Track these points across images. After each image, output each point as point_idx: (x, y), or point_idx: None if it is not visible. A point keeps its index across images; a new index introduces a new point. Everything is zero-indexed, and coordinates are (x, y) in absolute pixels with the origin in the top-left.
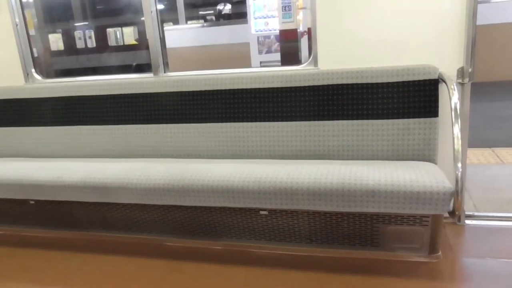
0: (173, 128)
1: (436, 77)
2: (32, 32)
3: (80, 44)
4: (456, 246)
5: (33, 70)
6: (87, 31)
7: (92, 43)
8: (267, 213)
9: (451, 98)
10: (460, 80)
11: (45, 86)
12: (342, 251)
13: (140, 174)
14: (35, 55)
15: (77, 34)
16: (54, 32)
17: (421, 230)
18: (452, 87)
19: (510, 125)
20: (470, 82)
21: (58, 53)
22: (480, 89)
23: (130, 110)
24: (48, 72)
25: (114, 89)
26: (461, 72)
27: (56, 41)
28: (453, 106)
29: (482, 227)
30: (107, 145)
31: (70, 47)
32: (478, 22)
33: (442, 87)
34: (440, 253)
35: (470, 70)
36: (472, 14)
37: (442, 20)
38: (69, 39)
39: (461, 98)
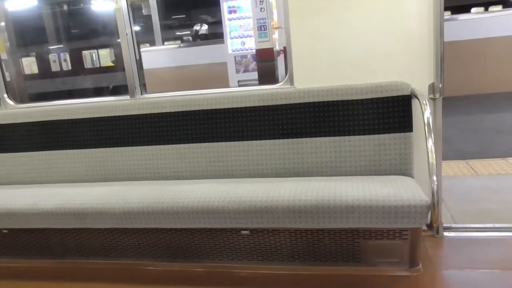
0: (151, 150)
1: (408, 93)
2: (4, 56)
3: (55, 67)
4: (436, 259)
5: (5, 95)
6: (62, 54)
7: (67, 66)
8: (249, 232)
9: (424, 113)
10: (431, 96)
11: (18, 111)
12: (324, 268)
13: (119, 198)
14: (8, 79)
15: (52, 57)
16: (28, 55)
17: (401, 244)
18: (424, 102)
19: (483, 138)
20: (441, 97)
21: (32, 76)
22: (453, 103)
23: (106, 133)
24: (22, 96)
25: (90, 112)
26: (432, 88)
27: (29, 64)
28: (426, 121)
29: (461, 239)
30: (83, 170)
31: (45, 70)
32: (449, 39)
33: (415, 103)
34: (420, 266)
35: (440, 85)
36: (440, 32)
37: (411, 38)
38: (43, 62)
39: (434, 113)
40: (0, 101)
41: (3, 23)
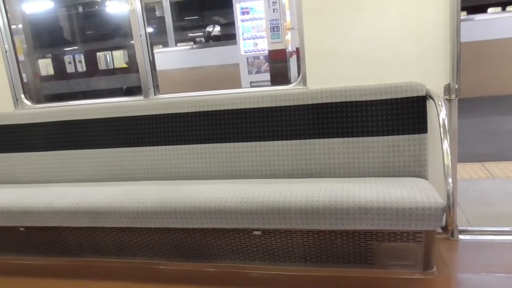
0: (164, 150)
1: (423, 94)
2: (21, 57)
3: (70, 69)
4: (451, 262)
5: (22, 95)
6: (77, 56)
7: (82, 67)
8: (261, 233)
9: (439, 114)
10: (447, 97)
11: (34, 111)
12: (337, 269)
13: (132, 197)
14: (25, 80)
15: (67, 58)
16: (44, 57)
17: (415, 247)
18: (440, 103)
19: (499, 139)
20: (457, 98)
21: (48, 78)
22: (468, 104)
23: (120, 133)
24: (38, 97)
25: (104, 113)
26: (447, 89)
27: (45, 66)
28: (441, 122)
29: (476, 242)
30: (98, 169)
31: (60, 71)
32: (465, 39)
33: (430, 104)
34: (434, 269)
35: (456, 86)
36: (456, 32)
37: (426, 38)
38: (59, 63)
39: (449, 114)
40: (17, 101)
41: (20, 26)
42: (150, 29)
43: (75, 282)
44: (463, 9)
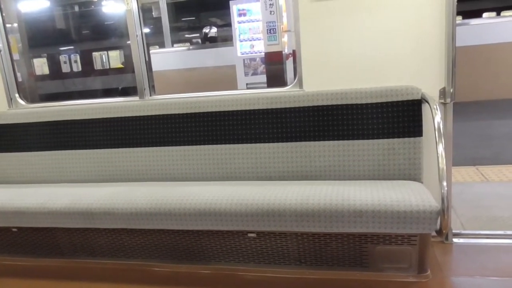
0: (159, 151)
1: (419, 97)
2: (16, 56)
3: (65, 68)
4: (445, 265)
5: (16, 95)
6: (72, 55)
7: (77, 67)
8: (255, 235)
9: (434, 118)
10: (442, 100)
11: (29, 111)
12: (331, 272)
13: (126, 199)
14: (19, 79)
15: (62, 58)
16: (39, 56)
17: (409, 250)
18: (435, 107)
19: (494, 143)
20: (452, 102)
21: (43, 77)
22: (463, 108)
23: (115, 133)
24: (33, 97)
25: (99, 113)
26: (443, 93)
27: (40, 65)
28: (436, 126)
29: (470, 245)
30: (92, 170)
31: (56, 71)
32: (460, 44)
33: (425, 107)
34: (429, 272)
35: (451, 90)
36: (452, 36)
37: (422, 42)
38: (54, 63)
39: (444, 118)
40: (11, 101)
41: (15, 24)
42: (146, 30)
43: (68, 284)
44: (458, 13)
